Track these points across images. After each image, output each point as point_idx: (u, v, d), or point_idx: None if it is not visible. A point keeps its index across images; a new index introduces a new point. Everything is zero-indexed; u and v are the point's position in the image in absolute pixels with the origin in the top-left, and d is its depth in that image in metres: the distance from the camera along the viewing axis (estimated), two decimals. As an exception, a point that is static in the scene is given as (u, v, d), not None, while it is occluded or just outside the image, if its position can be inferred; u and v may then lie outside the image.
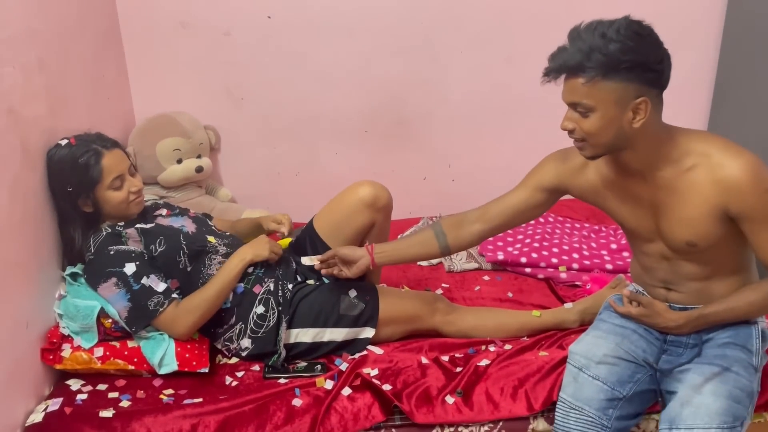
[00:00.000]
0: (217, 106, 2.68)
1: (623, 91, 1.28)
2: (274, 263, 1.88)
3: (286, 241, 2.15)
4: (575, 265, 2.22)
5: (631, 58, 1.25)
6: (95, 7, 2.29)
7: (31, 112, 1.68)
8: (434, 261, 2.39)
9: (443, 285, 2.21)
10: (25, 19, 1.70)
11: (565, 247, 2.30)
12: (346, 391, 1.64)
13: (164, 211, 1.93)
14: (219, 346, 1.82)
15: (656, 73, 1.29)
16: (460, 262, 2.34)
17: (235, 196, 2.77)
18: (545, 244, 2.33)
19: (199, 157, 2.56)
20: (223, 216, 2.53)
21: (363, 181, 1.91)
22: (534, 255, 2.26)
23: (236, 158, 2.77)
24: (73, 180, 1.71)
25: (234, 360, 1.82)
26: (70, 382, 1.68)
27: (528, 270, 2.25)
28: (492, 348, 1.82)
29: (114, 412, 1.55)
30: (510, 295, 2.14)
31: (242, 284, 1.81)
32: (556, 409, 1.53)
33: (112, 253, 1.70)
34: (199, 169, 2.53)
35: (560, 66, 1.32)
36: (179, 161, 2.49)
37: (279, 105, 2.70)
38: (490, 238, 2.40)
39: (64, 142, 1.74)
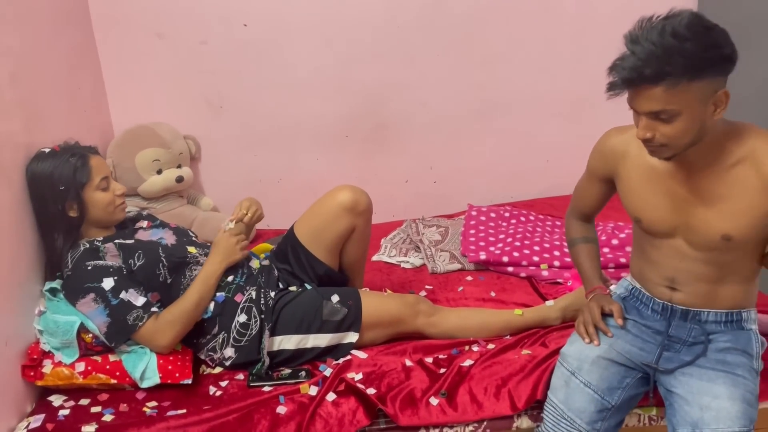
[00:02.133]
0: (196, 116, 2.67)
1: (705, 89, 1.23)
2: (255, 272, 1.88)
3: (267, 247, 2.15)
4: (557, 263, 2.23)
5: (713, 55, 1.20)
6: (68, 20, 2.28)
7: (4, 128, 1.67)
8: (417, 263, 2.40)
9: (427, 287, 2.22)
10: (-4, 36, 1.69)
11: (546, 245, 2.32)
12: (331, 396, 1.64)
13: (145, 223, 1.93)
14: (202, 357, 1.82)
15: (733, 63, 1.24)
16: (443, 263, 2.35)
17: (217, 205, 2.76)
18: (526, 242, 2.34)
19: (179, 167, 2.55)
20: (205, 225, 2.53)
21: (342, 186, 1.91)
22: (516, 254, 2.27)
23: (217, 167, 2.77)
24: (63, 180, 1.71)
25: (218, 370, 1.81)
26: (52, 398, 1.67)
27: (510, 269, 2.26)
28: (475, 348, 1.83)
29: (97, 426, 1.55)
30: (493, 294, 2.15)
31: (223, 293, 1.80)
32: (545, 412, 1.54)
33: (89, 268, 1.69)
34: (180, 179, 2.52)
35: (634, 78, 1.23)
36: (159, 172, 2.48)
37: (258, 112, 2.70)
38: (473, 239, 2.42)
39: (47, 150, 1.76)
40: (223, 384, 1.74)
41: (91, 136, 2.36)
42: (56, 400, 1.66)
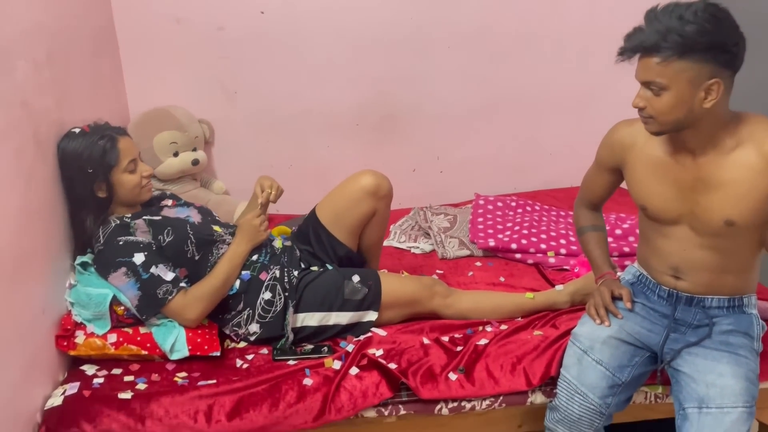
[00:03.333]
0: (211, 101, 2.72)
1: (697, 72, 1.33)
2: (279, 252, 1.95)
3: (284, 229, 2.21)
4: (563, 251, 2.32)
5: (708, 40, 1.30)
6: (92, 2, 2.32)
7: (41, 105, 1.72)
8: (427, 249, 2.48)
9: (438, 271, 2.29)
10: (35, 13, 1.74)
11: (553, 234, 2.41)
12: (354, 370, 1.72)
13: (170, 202, 1.98)
14: (227, 332, 1.88)
15: (731, 54, 1.33)
16: (452, 249, 2.43)
17: (229, 189, 2.82)
18: (533, 231, 2.43)
19: (194, 150, 2.61)
20: (218, 209, 2.58)
21: (365, 171, 1.99)
22: (524, 241, 2.36)
23: (230, 151, 2.82)
24: (92, 162, 1.75)
25: (242, 344, 1.88)
26: (84, 367, 1.73)
27: (518, 256, 2.35)
28: (489, 328, 1.91)
29: (132, 394, 1.61)
30: (502, 279, 2.23)
31: (249, 272, 1.87)
32: (558, 387, 1.63)
33: (121, 243, 1.75)
34: (195, 162, 2.57)
35: (636, 45, 1.37)
36: (176, 154, 2.53)
37: (272, 99, 2.75)
38: (481, 227, 2.51)
39: (77, 131, 1.79)
40: (249, 357, 1.81)
41: (109, 118, 2.39)
42: (89, 369, 1.72)
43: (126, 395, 1.60)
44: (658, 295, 1.66)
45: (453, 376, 1.71)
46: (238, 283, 1.85)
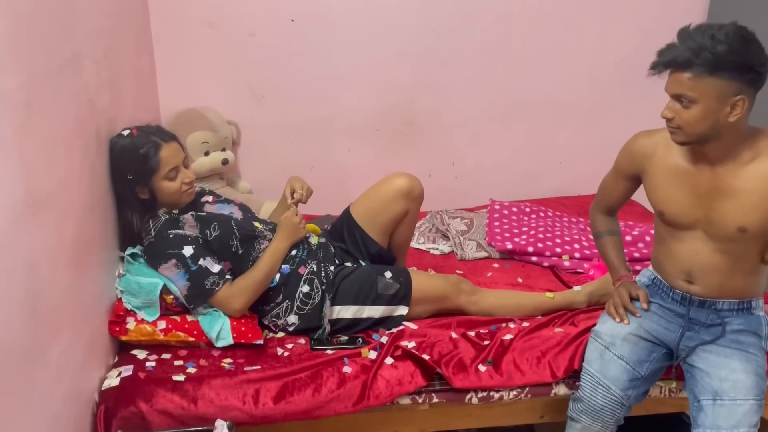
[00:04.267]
0: (239, 103, 2.83)
1: (725, 88, 1.46)
2: (315, 248, 2.06)
3: (313, 227, 2.32)
4: (577, 254, 2.45)
5: (737, 59, 1.43)
6: (134, 5, 2.42)
7: (102, 103, 1.82)
8: (446, 250, 2.60)
9: (458, 271, 2.40)
10: (97, 15, 1.84)
11: (567, 238, 2.54)
12: (389, 360, 1.83)
13: (210, 198, 2.09)
14: (266, 322, 1.99)
15: (757, 74, 1.47)
16: (470, 251, 2.55)
17: (253, 188, 2.92)
18: (548, 235, 2.56)
19: (223, 150, 2.71)
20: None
21: (399, 173, 2.10)
22: (539, 245, 2.48)
23: (255, 152, 2.93)
24: (133, 168, 1.83)
25: (280, 334, 1.99)
26: (134, 351, 1.83)
27: (534, 258, 2.48)
28: (512, 325, 2.03)
29: (185, 377, 1.71)
30: (520, 280, 2.36)
31: (288, 266, 1.98)
32: (582, 380, 1.76)
33: (171, 236, 1.85)
34: (225, 162, 2.68)
35: (669, 61, 1.49)
36: (206, 153, 2.64)
37: (297, 103, 2.86)
38: (498, 230, 2.63)
39: (126, 132, 1.87)
40: (289, 346, 1.91)
41: (143, 118, 2.50)
42: (140, 353, 1.82)
43: (179, 377, 1.70)
44: (671, 297, 1.78)
45: (482, 368, 1.83)
46: (278, 276, 1.96)
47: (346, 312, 1.98)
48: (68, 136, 1.55)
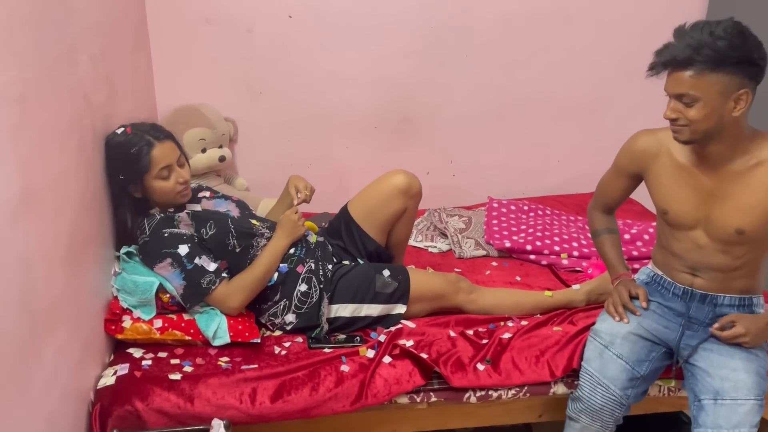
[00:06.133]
0: (236, 99, 2.81)
1: (728, 83, 1.45)
2: (313, 246, 2.04)
3: (310, 225, 2.30)
4: (575, 253, 2.44)
5: (738, 54, 1.43)
6: (130, 1, 2.40)
7: (97, 99, 1.80)
8: (444, 248, 2.59)
9: (456, 270, 2.39)
10: (93, 10, 1.82)
11: (565, 236, 2.53)
12: (387, 359, 1.81)
13: (207, 194, 2.07)
14: (263, 321, 1.97)
15: (758, 67, 1.47)
16: (469, 249, 2.54)
17: (250, 186, 2.91)
18: (547, 233, 2.55)
19: (221, 147, 2.69)
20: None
21: (397, 170, 2.09)
22: (538, 243, 2.47)
23: (252, 149, 2.91)
24: (125, 168, 1.81)
25: (278, 333, 1.97)
26: (131, 350, 1.81)
27: (532, 257, 2.46)
28: (510, 323, 2.02)
29: (181, 375, 1.69)
30: (518, 278, 2.35)
31: (286, 264, 1.96)
32: (581, 380, 1.75)
33: (166, 235, 1.83)
34: (222, 159, 2.66)
35: (669, 60, 1.48)
36: (203, 150, 2.62)
37: (295, 100, 2.85)
38: (496, 229, 2.62)
39: (120, 131, 1.85)
40: (287, 345, 1.90)
41: (139, 115, 2.48)
42: (136, 352, 1.80)
43: (176, 376, 1.68)
44: (672, 293, 1.78)
45: (481, 367, 1.82)
46: (276, 275, 1.94)
47: (344, 310, 1.96)
48: (63, 132, 1.53)
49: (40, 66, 1.40)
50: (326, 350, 1.87)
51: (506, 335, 1.92)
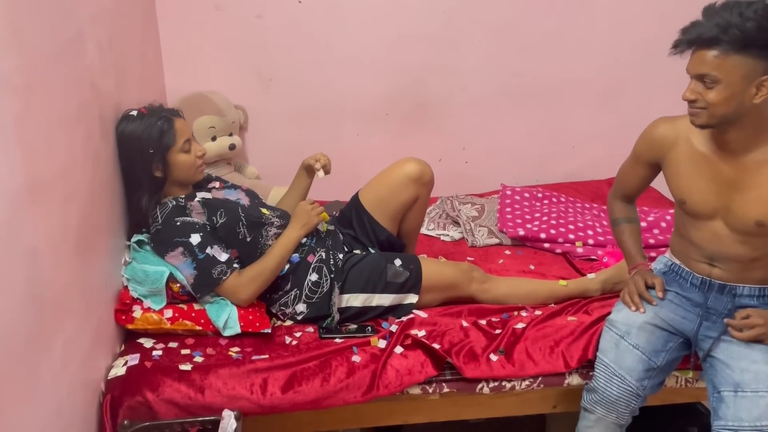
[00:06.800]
0: (246, 87, 2.78)
1: (752, 67, 1.40)
2: (324, 235, 2.02)
3: (325, 215, 2.28)
4: (590, 241, 2.41)
5: (766, 37, 1.38)
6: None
7: (105, 87, 1.78)
8: (456, 236, 2.56)
9: (468, 258, 2.37)
10: (100, -2, 1.79)
11: (580, 224, 2.49)
12: (399, 349, 1.79)
13: (217, 184, 2.05)
14: (274, 310, 1.96)
15: None
16: (482, 237, 2.51)
17: (261, 174, 2.88)
18: (561, 221, 2.51)
19: (231, 135, 2.67)
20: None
21: (409, 158, 2.06)
22: (552, 231, 2.44)
23: (262, 137, 2.88)
24: (152, 143, 1.81)
25: (288, 323, 1.96)
26: (141, 340, 1.80)
27: (547, 245, 2.43)
28: (524, 313, 1.99)
29: (192, 365, 1.68)
30: (532, 267, 2.31)
31: (297, 254, 1.94)
32: (596, 370, 1.72)
33: (178, 224, 1.82)
34: (232, 147, 2.64)
35: (694, 38, 1.43)
36: (213, 138, 2.60)
37: (305, 87, 2.81)
38: (510, 216, 2.58)
39: (134, 113, 1.84)
40: (297, 335, 1.88)
41: (150, 101, 2.46)
42: (146, 342, 1.79)
43: (186, 367, 1.67)
44: (690, 283, 1.74)
45: (494, 357, 1.79)
46: (287, 264, 1.92)
47: (355, 300, 1.94)
48: (71, 120, 1.51)
49: (46, 54, 1.38)
50: (337, 340, 1.85)
51: (520, 325, 1.89)
